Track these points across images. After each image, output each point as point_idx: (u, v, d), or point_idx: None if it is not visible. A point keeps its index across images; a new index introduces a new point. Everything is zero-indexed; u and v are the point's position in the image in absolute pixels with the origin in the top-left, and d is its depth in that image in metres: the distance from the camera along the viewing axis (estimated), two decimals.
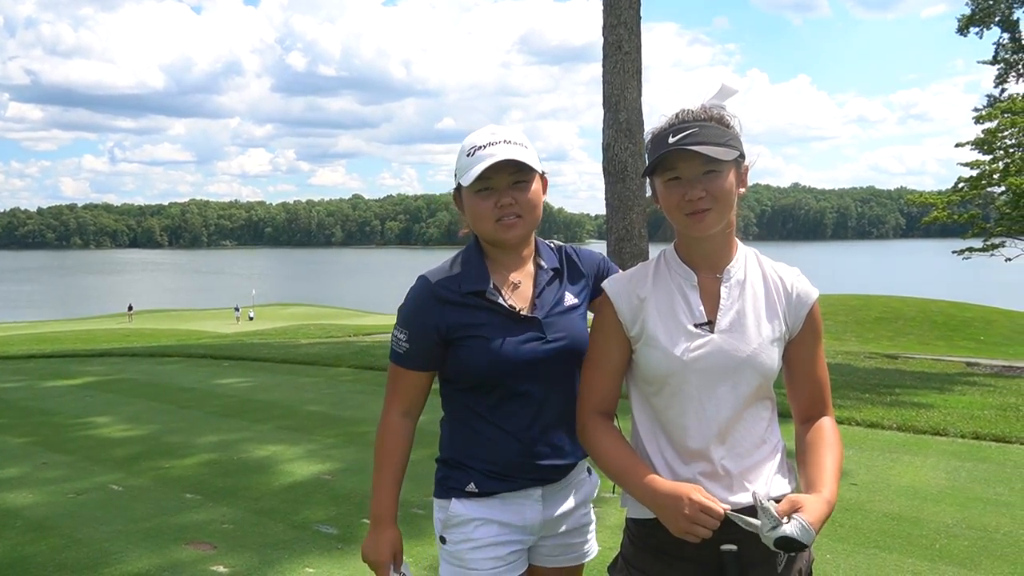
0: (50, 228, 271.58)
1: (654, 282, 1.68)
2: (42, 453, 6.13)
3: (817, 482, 1.54)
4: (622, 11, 8.86)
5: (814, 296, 1.69)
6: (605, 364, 1.71)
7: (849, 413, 6.85)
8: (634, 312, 1.67)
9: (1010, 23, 19.77)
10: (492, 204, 1.77)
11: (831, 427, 1.67)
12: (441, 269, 1.87)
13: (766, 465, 1.64)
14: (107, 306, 56.01)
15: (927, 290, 32.89)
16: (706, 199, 1.55)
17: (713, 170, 1.56)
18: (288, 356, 11.85)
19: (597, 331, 1.74)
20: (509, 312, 1.81)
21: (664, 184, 1.60)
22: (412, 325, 1.84)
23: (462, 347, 1.80)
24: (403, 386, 1.88)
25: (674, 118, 1.61)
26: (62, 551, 4.01)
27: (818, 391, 1.71)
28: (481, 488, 1.83)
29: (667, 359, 1.61)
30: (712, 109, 1.61)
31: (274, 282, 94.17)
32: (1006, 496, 4.71)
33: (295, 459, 5.75)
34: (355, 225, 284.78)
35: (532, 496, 1.86)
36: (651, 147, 1.63)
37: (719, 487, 1.58)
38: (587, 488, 1.98)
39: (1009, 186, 14.45)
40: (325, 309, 49.15)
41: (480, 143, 1.79)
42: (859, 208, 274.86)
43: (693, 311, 1.64)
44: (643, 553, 1.65)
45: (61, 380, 10.18)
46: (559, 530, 1.92)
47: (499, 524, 1.84)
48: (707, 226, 1.58)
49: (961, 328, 20.57)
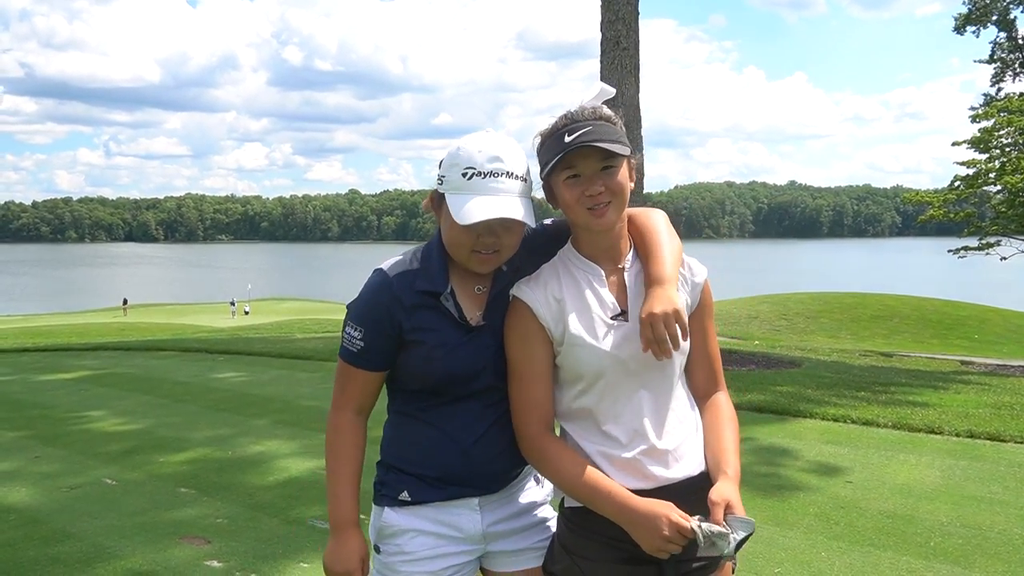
0: (45, 222, 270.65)
1: (564, 282, 1.71)
2: (36, 447, 6.11)
3: (721, 461, 1.65)
4: (620, 7, 8.85)
5: (705, 272, 1.77)
6: (538, 373, 1.69)
7: (844, 411, 6.87)
8: (554, 314, 1.68)
9: (1007, 22, 19.81)
10: (474, 237, 1.67)
11: (727, 402, 1.77)
12: (399, 263, 1.76)
13: (694, 439, 1.71)
14: (101, 300, 55.88)
15: (922, 288, 33.01)
16: (605, 194, 1.61)
17: (611, 166, 1.62)
18: (284, 351, 11.82)
19: (520, 341, 1.70)
20: (458, 322, 1.73)
21: (563, 182, 1.63)
22: (367, 322, 1.73)
23: (410, 349, 1.73)
24: (355, 386, 1.78)
25: (564, 118, 1.65)
26: (55, 545, 4.00)
27: (711, 367, 1.78)
28: (414, 497, 1.76)
29: (594, 355, 1.65)
30: (599, 109, 1.65)
31: (270, 277, 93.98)
32: (1000, 494, 4.72)
33: (290, 454, 5.74)
34: (352, 220, 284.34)
35: (468, 505, 1.78)
36: (545, 147, 1.65)
37: (657, 464, 1.65)
38: (534, 493, 1.89)
39: (1005, 185, 14.50)
40: (321, 304, 49.08)
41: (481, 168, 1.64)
42: (855, 206, 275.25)
43: (606, 304, 1.68)
44: (583, 539, 1.67)
45: (55, 374, 10.15)
46: (509, 537, 1.83)
47: (435, 536, 1.77)
48: (608, 220, 1.63)
49: (956, 327, 20.64)
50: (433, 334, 1.72)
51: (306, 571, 3.67)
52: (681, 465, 1.67)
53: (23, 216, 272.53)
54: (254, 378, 9.42)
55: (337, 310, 42.75)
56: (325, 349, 11.88)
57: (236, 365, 10.59)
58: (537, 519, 1.88)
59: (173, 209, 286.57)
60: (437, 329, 1.72)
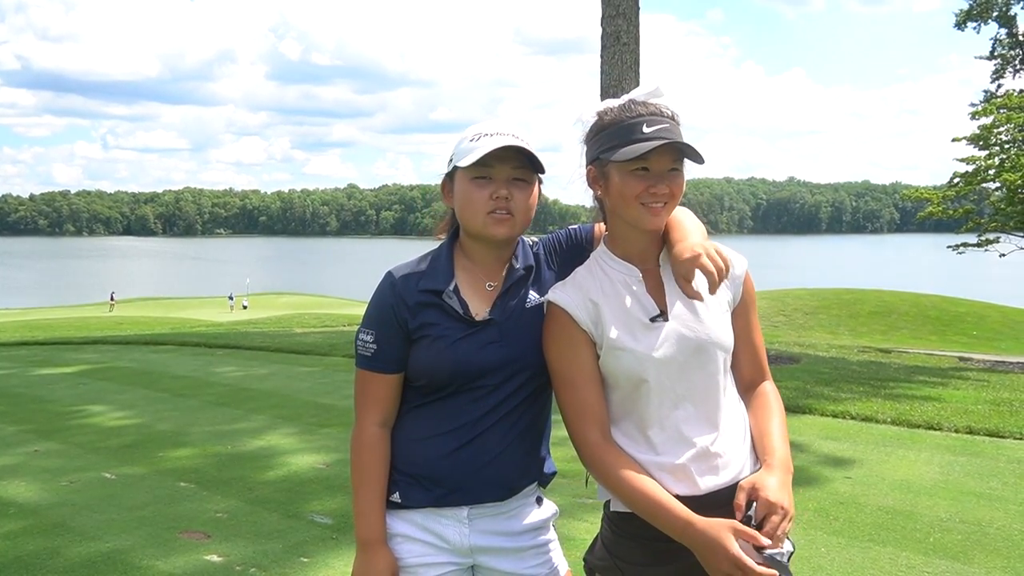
0: (42, 215, 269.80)
1: (600, 284, 1.67)
2: (35, 441, 6.10)
3: (768, 449, 1.61)
4: (621, 1, 8.81)
5: (745, 263, 1.73)
6: (588, 376, 1.64)
7: (843, 407, 6.87)
8: (592, 318, 1.64)
9: (1007, 18, 19.81)
10: (487, 194, 1.68)
11: (773, 391, 1.74)
12: (408, 265, 1.78)
13: (743, 441, 1.67)
14: (100, 294, 55.78)
15: (921, 285, 33.01)
16: (666, 195, 1.59)
17: (677, 168, 1.59)
18: (283, 345, 11.80)
19: (563, 347, 1.65)
20: (461, 316, 1.72)
21: (630, 172, 1.58)
22: (378, 325, 1.74)
23: (416, 345, 1.73)
24: (376, 392, 1.76)
25: (636, 105, 1.61)
26: (55, 539, 4.00)
27: (756, 357, 1.74)
28: (404, 500, 1.74)
29: (636, 359, 1.60)
30: (667, 107, 1.62)
31: (268, 271, 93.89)
32: (999, 490, 4.73)
33: (290, 448, 5.74)
34: (350, 214, 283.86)
35: (456, 516, 1.74)
36: (614, 132, 1.60)
37: (707, 470, 1.60)
38: (535, 515, 1.82)
39: (1004, 182, 14.50)
40: (320, 298, 49.01)
41: (487, 131, 1.70)
42: (854, 202, 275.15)
43: (644, 306, 1.64)
44: (628, 541, 1.65)
45: (54, 368, 10.14)
46: (500, 555, 1.78)
47: (421, 543, 1.74)
48: (660, 221, 1.61)
49: (954, 323, 20.64)
50: (435, 328, 1.72)
51: (306, 566, 3.67)
52: (730, 469, 1.62)
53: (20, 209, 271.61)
54: (253, 372, 9.42)
55: (336, 304, 42.74)
56: (324, 343, 11.88)
57: (235, 359, 10.58)
58: (536, 543, 1.82)
59: (171, 203, 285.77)
60: (438, 323, 1.72)
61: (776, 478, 1.54)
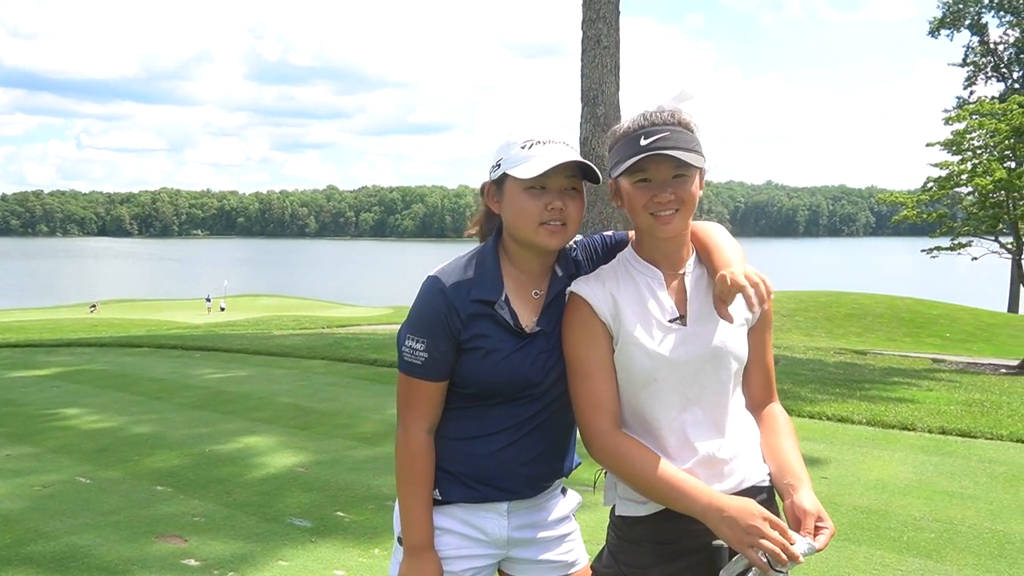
0: (15, 215, 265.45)
1: (622, 282, 1.69)
2: (7, 445, 5.99)
3: (792, 470, 1.65)
4: (601, 6, 8.87)
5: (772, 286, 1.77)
6: (602, 367, 1.66)
7: (819, 408, 6.95)
8: (612, 310, 1.66)
9: (979, 27, 20.17)
10: (542, 205, 1.65)
11: (782, 412, 1.77)
12: (454, 270, 1.74)
13: (751, 449, 1.69)
14: (74, 295, 54.94)
15: (895, 287, 33.43)
16: (674, 202, 1.59)
17: (682, 175, 1.59)
18: (261, 347, 11.71)
19: (580, 337, 1.67)
20: (513, 328, 1.72)
21: (633, 185, 1.61)
22: (429, 334, 1.71)
23: (466, 355, 1.73)
24: (424, 399, 1.74)
25: (642, 119, 1.62)
26: (27, 544, 3.93)
27: (768, 378, 1.77)
28: (445, 495, 1.76)
29: (650, 356, 1.62)
30: (678, 113, 1.62)
31: (246, 272, 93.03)
32: (971, 489, 4.81)
33: (268, 451, 5.70)
34: (329, 216, 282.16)
35: (497, 509, 1.78)
36: (620, 147, 1.63)
37: (713, 475, 1.61)
38: (562, 507, 1.89)
39: (976, 187, 14.73)
40: (298, 300, 48.65)
41: (539, 138, 1.68)
42: (830, 206, 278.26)
43: (665, 308, 1.66)
44: (632, 546, 1.66)
45: (27, 371, 9.96)
46: (531, 545, 1.84)
47: (459, 536, 1.77)
48: (673, 228, 1.62)
49: (928, 325, 20.93)
50: (488, 340, 1.72)
51: (284, 569, 3.65)
52: (736, 476, 1.64)
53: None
54: (231, 375, 9.33)
55: (315, 307, 42.47)
56: (303, 346, 11.80)
57: (212, 362, 10.48)
58: (561, 533, 1.87)
59: (148, 203, 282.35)
60: (491, 335, 1.72)
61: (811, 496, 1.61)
